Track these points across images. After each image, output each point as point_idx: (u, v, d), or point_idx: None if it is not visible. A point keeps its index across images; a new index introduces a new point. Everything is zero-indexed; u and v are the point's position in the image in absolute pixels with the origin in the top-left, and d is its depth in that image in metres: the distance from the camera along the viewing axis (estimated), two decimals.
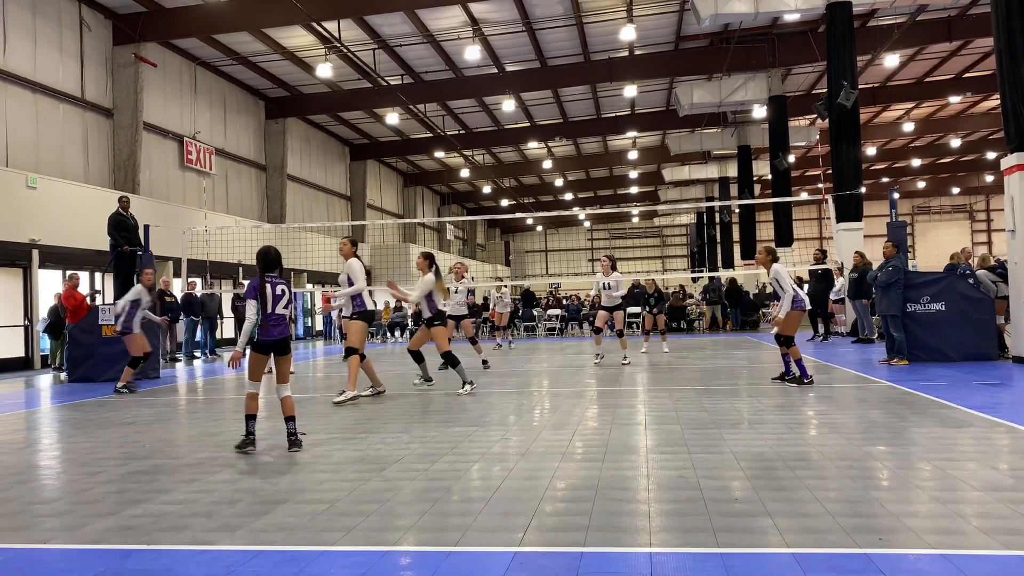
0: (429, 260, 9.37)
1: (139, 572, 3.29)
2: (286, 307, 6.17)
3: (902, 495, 4.11)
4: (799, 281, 19.09)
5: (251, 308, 6.00)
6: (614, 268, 12.69)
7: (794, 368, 9.02)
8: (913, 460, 4.91)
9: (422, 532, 3.71)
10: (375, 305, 12.59)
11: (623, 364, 12.35)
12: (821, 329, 17.03)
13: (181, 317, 17.39)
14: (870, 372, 10.14)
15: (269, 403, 9.32)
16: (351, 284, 8.83)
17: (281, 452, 5.83)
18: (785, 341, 8.91)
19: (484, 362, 12.67)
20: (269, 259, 6.18)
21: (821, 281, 17.14)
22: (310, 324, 30.88)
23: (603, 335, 12.98)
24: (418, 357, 9.83)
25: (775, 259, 9.03)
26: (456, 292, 12.72)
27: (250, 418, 5.95)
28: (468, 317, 13.02)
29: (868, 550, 3.23)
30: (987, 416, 6.38)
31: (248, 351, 6.05)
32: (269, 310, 6.02)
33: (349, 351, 8.96)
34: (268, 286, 6.06)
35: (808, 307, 8.93)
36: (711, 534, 3.50)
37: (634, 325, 24.39)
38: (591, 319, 22.43)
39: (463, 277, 12.88)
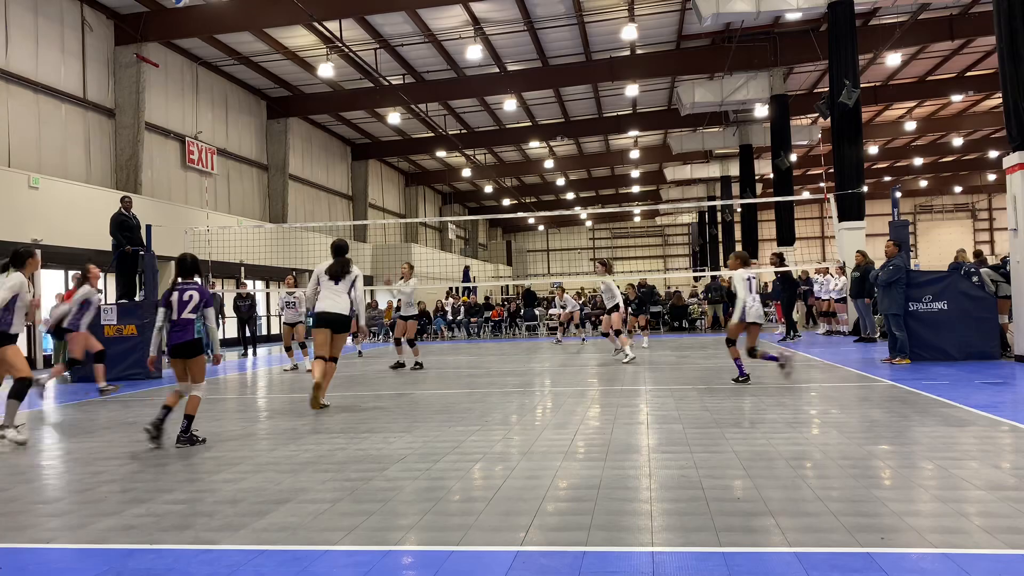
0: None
1: (141, 571, 3.29)
2: (194, 311, 6.32)
3: (904, 494, 4.10)
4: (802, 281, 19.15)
5: (159, 315, 6.33)
6: (609, 271, 12.88)
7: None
8: (915, 459, 4.91)
9: (424, 531, 3.72)
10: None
11: (624, 363, 12.37)
12: (782, 327, 17.13)
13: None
14: (872, 371, 10.13)
15: (273, 402, 9.32)
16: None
17: (283, 452, 5.84)
18: (727, 342, 9.45)
19: (417, 363, 12.75)
20: (184, 266, 6.48)
21: (783, 283, 17.21)
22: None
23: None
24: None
25: (743, 265, 9.24)
26: (403, 293, 12.73)
27: (165, 408, 6.27)
28: (415, 318, 13.01)
29: (870, 549, 3.23)
30: (989, 415, 6.37)
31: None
32: (175, 316, 6.28)
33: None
34: (176, 293, 6.31)
35: (750, 320, 9.09)
36: (713, 533, 3.50)
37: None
38: (594, 320, 22.50)
39: (409, 277, 12.80)
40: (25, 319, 6.84)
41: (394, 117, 29.73)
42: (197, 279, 6.52)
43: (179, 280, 6.43)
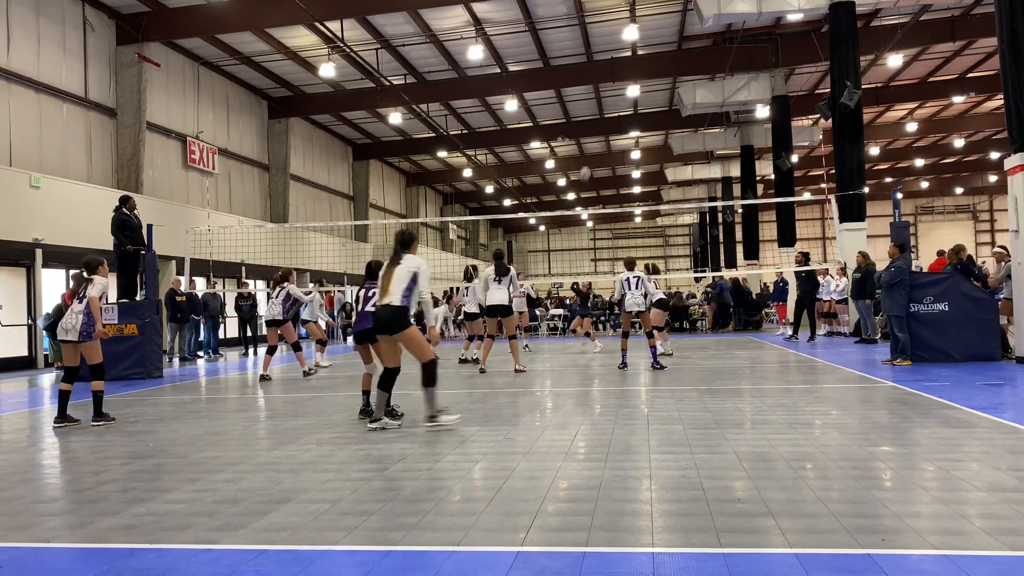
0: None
1: (142, 571, 3.29)
2: (374, 306, 7.21)
3: (905, 495, 4.10)
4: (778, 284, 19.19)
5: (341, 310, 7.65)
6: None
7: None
8: (916, 460, 4.91)
9: (424, 531, 3.71)
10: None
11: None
12: (806, 330, 17.02)
13: (191, 317, 17.40)
14: (873, 372, 10.12)
15: (274, 402, 9.32)
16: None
17: (283, 452, 5.84)
18: (622, 334, 11.99)
19: (305, 371, 12.25)
20: (370, 270, 7.78)
21: (806, 283, 17.13)
22: None
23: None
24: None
25: (627, 268, 11.44)
26: (276, 296, 12.06)
27: (363, 393, 7.57)
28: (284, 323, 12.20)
29: (871, 550, 3.23)
30: (990, 416, 6.37)
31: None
32: (360, 309, 7.59)
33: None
34: (363, 291, 7.65)
35: (627, 309, 11.30)
36: (714, 534, 3.50)
37: (636, 324, 24.42)
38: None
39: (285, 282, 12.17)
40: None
41: (395, 117, 29.72)
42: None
43: (367, 281, 7.70)
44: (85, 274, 7.94)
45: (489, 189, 45.27)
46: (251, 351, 19.11)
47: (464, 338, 16.14)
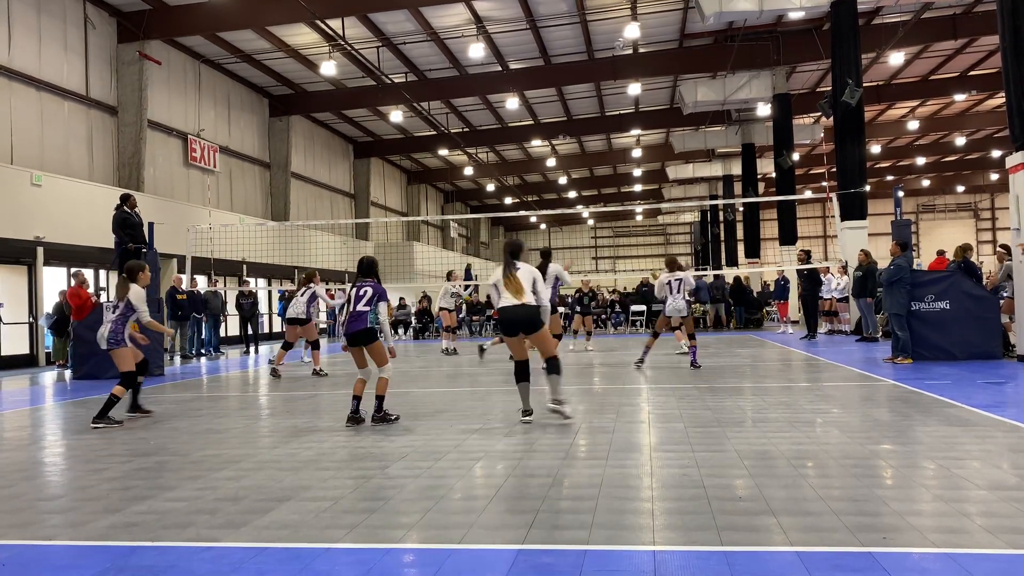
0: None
1: (143, 569, 3.30)
2: (367, 304, 7.04)
3: (906, 494, 4.10)
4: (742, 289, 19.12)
5: (340, 309, 7.14)
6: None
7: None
8: (917, 459, 4.90)
9: (425, 530, 3.72)
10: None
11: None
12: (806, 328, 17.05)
13: (192, 315, 17.40)
14: (874, 370, 10.12)
15: (275, 400, 9.33)
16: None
17: (284, 450, 5.85)
18: (652, 333, 11.71)
19: (316, 371, 12.22)
20: (361, 267, 7.31)
21: (808, 281, 17.14)
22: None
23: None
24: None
25: (669, 269, 11.39)
26: (301, 295, 12.32)
27: (354, 398, 6.98)
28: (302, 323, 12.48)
29: (872, 549, 3.23)
30: (991, 415, 6.36)
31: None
32: (351, 309, 7.03)
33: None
34: (355, 289, 7.11)
35: (668, 314, 11.22)
36: (715, 532, 3.50)
37: (638, 323, 24.50)
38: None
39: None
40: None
41: (396, 115, 29.69)
42: (373, 279, 7.22)
43: (359, 279, 7.20)
44: (126, 279, 7.66)
45: (490, 187, 45.24)
46: (252, 349, 19.11)
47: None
